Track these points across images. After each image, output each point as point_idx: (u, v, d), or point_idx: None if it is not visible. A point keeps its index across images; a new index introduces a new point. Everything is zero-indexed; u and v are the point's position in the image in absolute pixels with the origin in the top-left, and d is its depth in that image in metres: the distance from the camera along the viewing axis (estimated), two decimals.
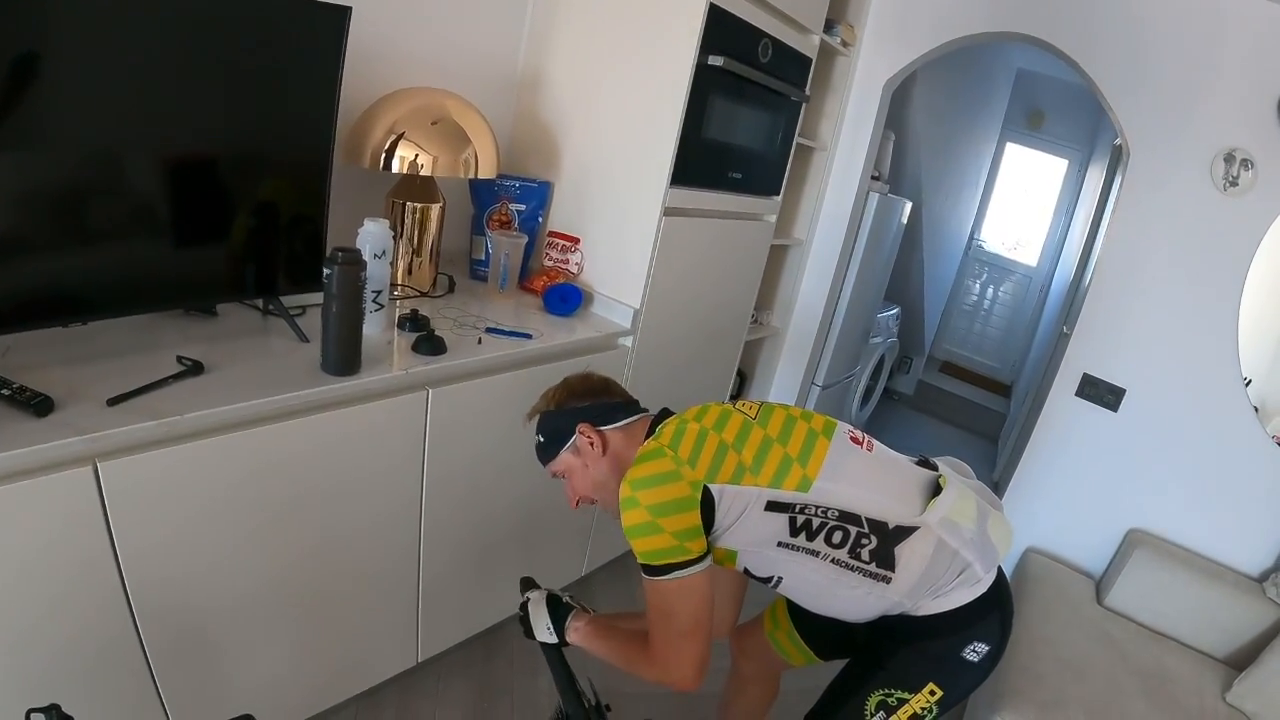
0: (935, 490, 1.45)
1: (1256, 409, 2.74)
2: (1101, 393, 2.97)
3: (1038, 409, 3.29)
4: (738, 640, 2.03)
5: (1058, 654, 2.39)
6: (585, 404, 1.57)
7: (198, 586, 1.59)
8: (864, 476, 1.43)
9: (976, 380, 7.04)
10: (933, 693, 1.47)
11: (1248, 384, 2.72)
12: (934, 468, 1.55)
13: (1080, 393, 3.02)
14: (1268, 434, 2.72)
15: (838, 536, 1.38)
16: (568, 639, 1.57)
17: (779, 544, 1.40)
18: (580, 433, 1.53)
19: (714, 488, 1.37)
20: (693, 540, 1.35)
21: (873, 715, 1.50)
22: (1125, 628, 2.69)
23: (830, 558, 1.40)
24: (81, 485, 1.33)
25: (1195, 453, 2.83)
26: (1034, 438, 3.18)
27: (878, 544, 1.39)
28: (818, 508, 1.37)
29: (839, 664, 1.67)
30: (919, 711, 1.48)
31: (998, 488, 3.99)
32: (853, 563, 1.39)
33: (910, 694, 1.48)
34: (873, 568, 1.39)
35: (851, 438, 1.49)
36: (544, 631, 1.59)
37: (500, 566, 2.41)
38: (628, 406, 1.60)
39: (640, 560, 1.37)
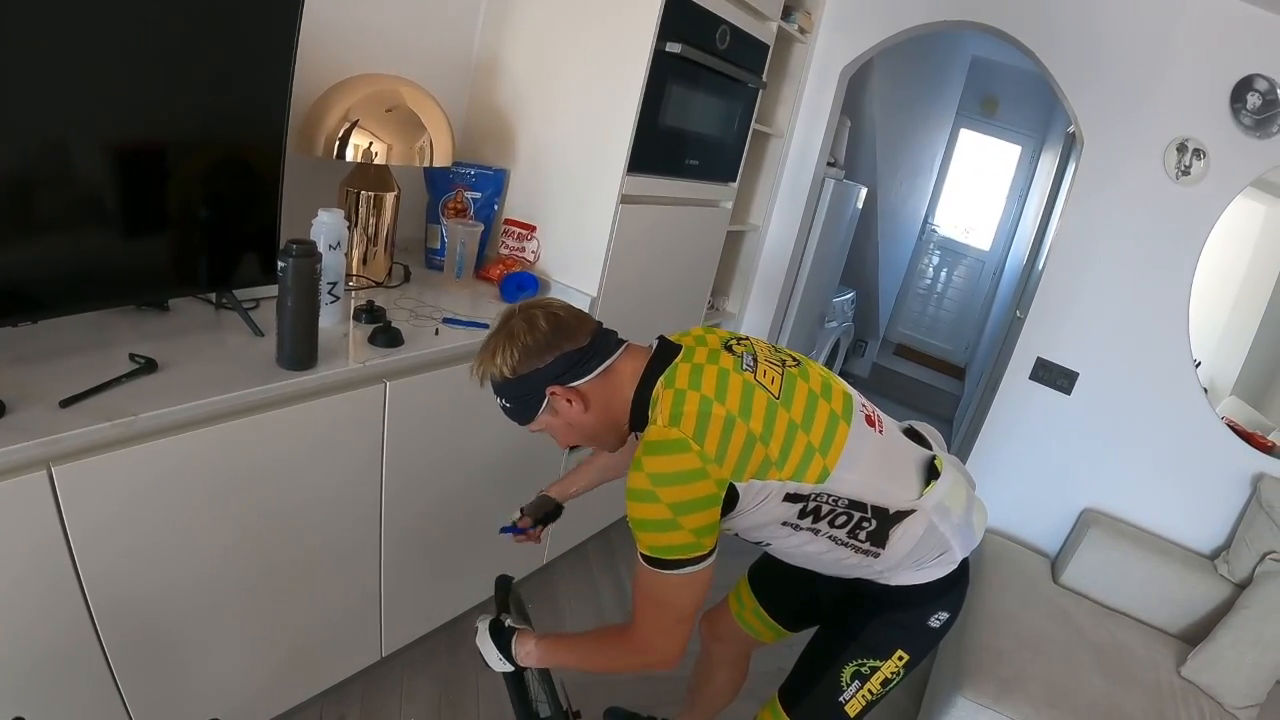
0: (930, 470, 1.46)
1: (1206, 390, 2.80)
2: (1055, 376, 3.02)
3: (992, 392, 3.34)
4: (708, 625, 2.04)
5: (1016, 632, 2.44)
6: (547, 361, 1.35)
7: (158, 588, 1.56)
8: (875, 464, 1.40)
9: (931, 363, 7.12)
10: (901, 658, 1.53)
11: (1197, 366, 2.78)
12: (923, 441, 1.57)
13: (1034, 376, 3.07)
14: (1217, 415, 2.79)
15: (841, 520, 1.38)
16: (520, 662, 1.53)
17: (783, 524, 1.39)
18: (552, 395, 1.38)
19: (740, 485, 1.29)
20: (709, 536, 1.30)
21: (848, 685, 1.54)
22: (1081, 605, 2.74)
23: (828, 535, 1.40)
24: (35, 490, 1.29)
25: (1147, 434, 2.89)
26: (988, 420, 3.22)
27: (876, 526, 1.39)
28: (830, 496, 1.35)
29: (803, 641, 1.70)
30: (890, 676, 1.54)
31: None
32: (849, 541, 1.41)
33: (881, 661, 1.53)
34: (866, 545, 1.41)
35: (867, 418, 1.45)
36: (497, 663, 1.54)
37: (461, 558, 2.39)
38: (595, 345, 1.39)
39: (647, 553, 1.30)
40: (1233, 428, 2.78)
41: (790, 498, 1.33)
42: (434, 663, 2.46)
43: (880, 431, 1.46)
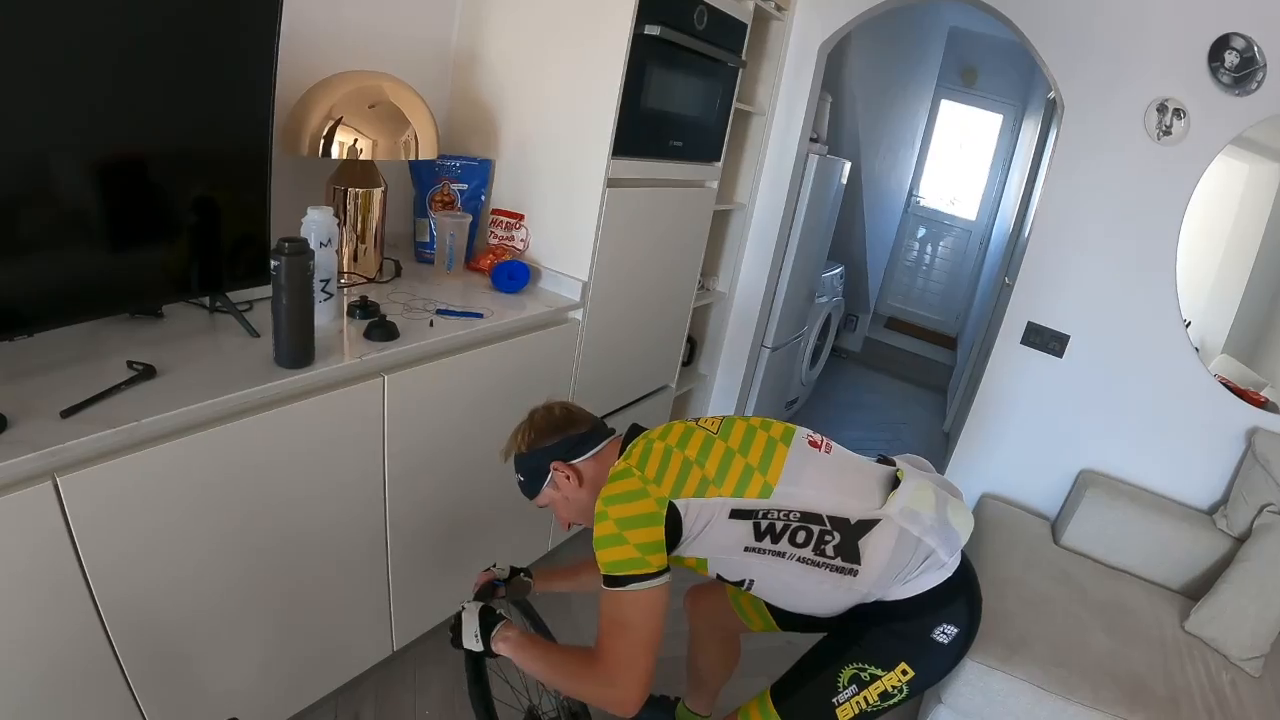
0: (894, 484, 1.50)
1: (1197, 349, 2.82)
2: (1046, 340, 3.04)
3: (984, 359, 3.35)
4: (693, 601, 2.09)
5: (1020, 594, 2.45)
6: (554, 441, 1.62)
7: (169, 593, 1.57)
8: (823, 478, 1.49)
9: (922, 334, 7.16)
10: (904, 672, 1.50)
11: (1187, 325, 2.80)
12: (892, 464, 1.60)
13: (1025, 341, 3.08)
14: (1209, 372, 2.80)
15: (801, 536, 1.44)
16: (495, 648, 1.55)
17: (746, 548, 1.46)
18: (555, 469, 1.61)
19: (679, 503, 1.43)
20: (654, 554, 1.40)
21: (845, 687, 1.53)
22: (1082, 565, 2.76)
23: (796, 557, 1.45)
24: (42, 502, 1.29)
25: (1141, 393, 2.91)
26: (983, 387, 3.23)
27: (841, 539, 1.44)
28: (780, 511, 1.44)
29: (807, 642, 1.69)
30: (890, 690, 1.51)
31: (949, 439, 4.06)
32: (819, 559, 1.45)
33: (883, 671, 1.51)
34: (838, 562, 1.44)
35: (810, 441, 1.55)
36: (471, 639, 1.57)
37: (467, 548, 2.40)
38: (594, 433, 1.66)
39: (604, 571, 1.41)
40: (1225, 384, 2.80)
41: (737, 514, 1.44)
42: (446, 655, 2.45)
43: (827, 452, 1.56)
